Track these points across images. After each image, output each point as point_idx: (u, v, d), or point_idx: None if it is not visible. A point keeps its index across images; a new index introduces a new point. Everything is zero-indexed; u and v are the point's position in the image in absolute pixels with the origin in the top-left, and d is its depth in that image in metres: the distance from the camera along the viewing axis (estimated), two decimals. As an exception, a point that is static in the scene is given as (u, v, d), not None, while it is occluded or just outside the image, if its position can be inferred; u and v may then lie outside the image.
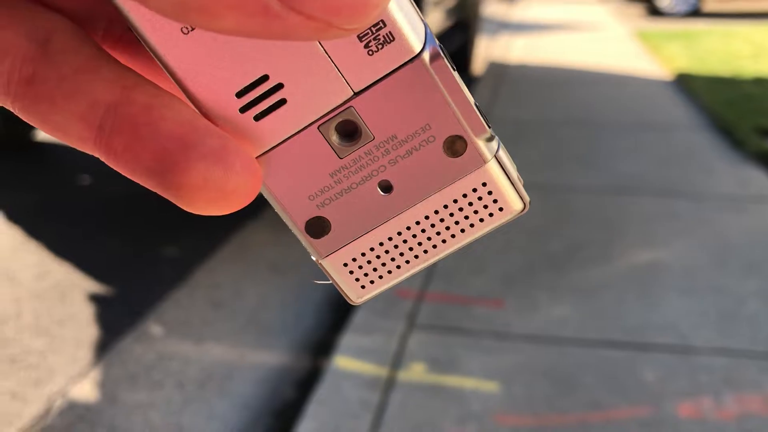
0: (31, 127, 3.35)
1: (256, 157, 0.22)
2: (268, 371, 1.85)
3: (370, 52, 0.20)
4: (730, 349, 1.83)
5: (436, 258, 0.25)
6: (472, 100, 0.22)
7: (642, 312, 2.01)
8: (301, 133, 0.21)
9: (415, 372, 1.76)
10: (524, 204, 0.24)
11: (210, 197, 0.19)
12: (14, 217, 2.63)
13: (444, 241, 0.24)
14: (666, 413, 1.59)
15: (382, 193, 0.23)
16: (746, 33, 7.59)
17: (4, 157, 3.32)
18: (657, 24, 8.86)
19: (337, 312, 2.12)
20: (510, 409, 1.62)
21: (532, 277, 2.24)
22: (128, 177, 0.20)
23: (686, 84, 5.03)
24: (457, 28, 5.09)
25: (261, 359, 1.90)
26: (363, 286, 0.25)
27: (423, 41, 0.21)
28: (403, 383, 1.71)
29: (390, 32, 0.20)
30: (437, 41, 0.21)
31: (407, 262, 0.24)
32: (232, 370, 1.85)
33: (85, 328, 1.99)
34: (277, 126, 0.21)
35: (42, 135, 3.51)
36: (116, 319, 2.03)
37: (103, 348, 1.90)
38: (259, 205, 0.22)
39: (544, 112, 4.47)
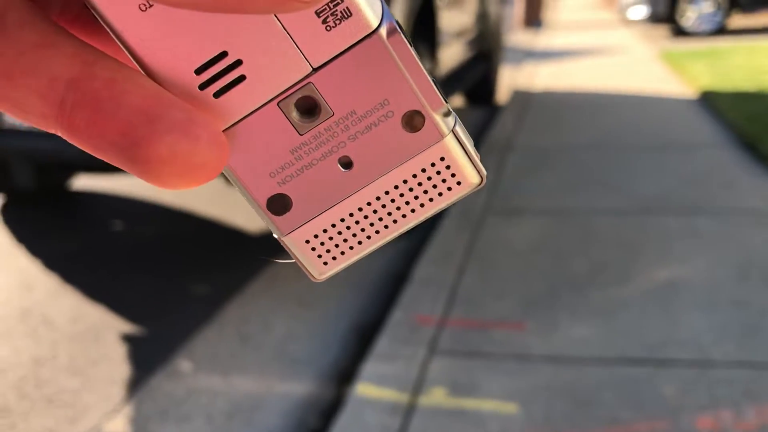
0: (66, 177, 3.48)
1: None
2: (294, 402, 1.90)
3: (328, 28, 0.20)
4: (751, 362, 1.83)
5: (397, 233, 0.25)
6: (429, 75, 0.22)
7: (663, 329, 2.02)
8: (261, 109, 0.22)
9: (436, 396, 1.79)
10: (481, 178, 0.24)
11: (177, 171, 0.19)
12: (51, 264, 2.73)
13: (404, 216, 0.24)
14: (685, 426, 1.60)
15: (342, 169, 0.23)
16: (772, 47, 7.55)
17: (40, 206, 3.45)
18: (682, 44, 8.84)
19: (362, 341, 2.16)
20: (530, 429, 1.64)
21: (553, 299, 2.27)
22: (92, 153, 0.19)
23: (711, 102, 5.01)
24: (479, 58, 5.16)
25: (287, 390, 1.95)
26: (325, 263, 0.25)
27: (380, 17, 0.21)
28: (423, 408, 1.74)
29: (347, 8, 0.20)
30: (394, 17, 0.21)
31: (368, 237, 0.24)
32: (260, 402, 1.90)
33: (118, 366, 2.06)
34: (237, 103, 0.21)
35: (77, 185, 3.64)
36: (148, 357, 2.10)
37: (135, 385, 1.97)
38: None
39: (568, 137, 4.50)
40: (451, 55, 4.01)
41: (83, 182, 3.68)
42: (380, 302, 2.42)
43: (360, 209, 0.24)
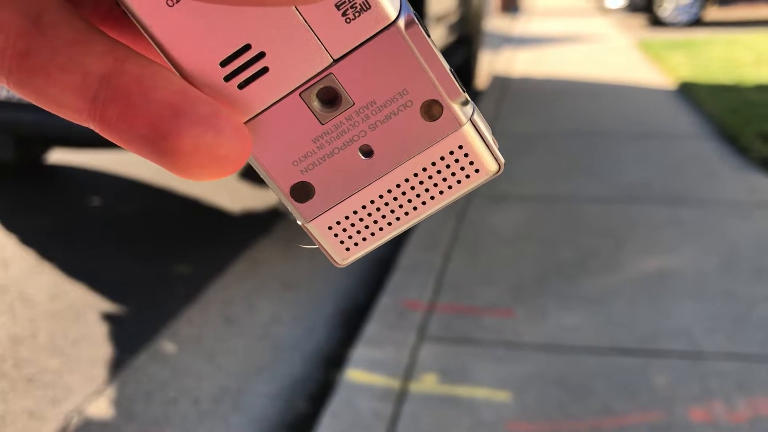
0: (43, 152, 3.39)
1: None
2: (281, 385, 1.87)
3: (348, 20, 0.21)
4: (741, 354, 1.84)
5: (417, 219, 0.25)
6: (447, 65, 0.23)
7: (653, 319, 2.02)
8: (284, 100, 0.22)
9: (427, 383, 1.77)
10: (499, 165, 0.25)
11: (203, 162, 0.20)
12: (28, 240, 2.66)
13: (424, 203, 0.25)
14: (678, 418, 1.60)
15: (363, 157, 0.24)
16: (748, 40, 7.61)
17: (18, 181, 3.36)
18: (659, 34, 8.89)
19: (349, 325, 2.14)
20: (522, 418, 1.63)
21: (541, 286, 2.26)
22: (122, 146, 0.20)
23: (689, 93, 5.04)
24: (460, 43, 5.13)
25: (274, 373, 1.92)
26: (348, 249, 0.26)
27: (398, 8, 0.21)
28: (415, 394, 1.73)
29: (366, 0, 0.21)
30: (411, 9, 0.22)
31: (389, 224, 0.25)
32: (246, 385, 1.86)
33: (100, 346, 2.01)
34: (260, 94, 0.22)
35: (54, 158, 3.56)
36: (130, 338, 2.06)
37: (118, 366, 1.92)
38: (270, 221, 0.24)
39: (548, 124, 4.49)
40: (435, 38, 3.97)
41: (62, 156, 3.59)
42: (366, 287, 2.39)
43: (381, 196, 0.25)
